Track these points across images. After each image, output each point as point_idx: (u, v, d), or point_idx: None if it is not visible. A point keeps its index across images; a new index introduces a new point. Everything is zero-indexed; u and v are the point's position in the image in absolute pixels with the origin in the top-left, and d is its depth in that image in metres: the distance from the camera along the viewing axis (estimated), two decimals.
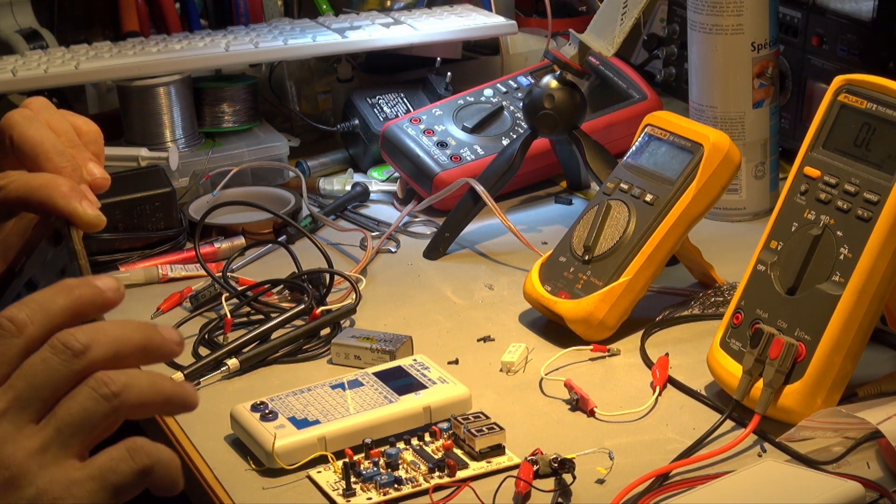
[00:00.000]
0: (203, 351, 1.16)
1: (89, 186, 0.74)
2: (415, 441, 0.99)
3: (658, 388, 1.05)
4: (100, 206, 0.73)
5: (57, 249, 0.72)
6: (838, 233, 0.98)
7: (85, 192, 0.72)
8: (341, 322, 1.19)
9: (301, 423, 0.99)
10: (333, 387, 1.04)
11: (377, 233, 1.39)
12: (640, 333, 1.14)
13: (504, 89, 1.54)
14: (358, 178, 1.54)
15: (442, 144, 1.46)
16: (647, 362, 1.10)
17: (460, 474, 0.95)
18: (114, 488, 0.59)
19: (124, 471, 0.59)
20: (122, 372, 0.60)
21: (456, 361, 1.12)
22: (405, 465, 0.96)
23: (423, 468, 0.96)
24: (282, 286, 1.25)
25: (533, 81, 1.47)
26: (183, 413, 0.62)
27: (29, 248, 0.74)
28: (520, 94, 1.52)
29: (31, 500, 0.58)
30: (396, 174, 1.50)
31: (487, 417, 0.99)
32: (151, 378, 0.61)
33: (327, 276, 1.24)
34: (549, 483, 0.93)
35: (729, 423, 0.98)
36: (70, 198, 0.71)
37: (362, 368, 1.08)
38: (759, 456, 0.95)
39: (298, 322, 1.19)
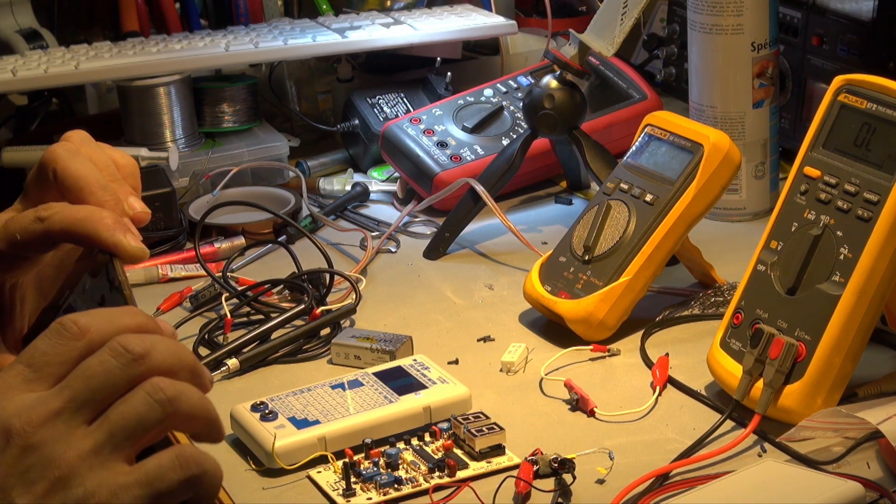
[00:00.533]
0: (203, 351, 1.16)
1: (131, 220, 0.75)
2: (415, 441, 0.99)
3: (658, 388, 1.05)
4: (142, 238, 0.74)
5: (95, 280, 0.73)
6: (838, 233, 0.98)
7: (128, 224, 0.74)
8: (341, 322, 1.19)
9: (301, 423, 0.99)
10: (333, 387, 1.04)
11: (377, 233, 1.39)
12: (640, 333, 1.14)
13: (504, 89, 1.54)
14: (358, 178, 1.54)
15: (442, 144, 1.46)
16: (647, 362, 1.10)
17: (460, 474, 0.95)
18: (159, 496, 0.59)
19: (172, 479, 0.59)
20: (176, 381, 0.61)
21: (456, 361, 1.12)
22: (405, 465, 0.96)
23: (423, 468, 0.96)
24: (282, 286, 1.25)
25: (533, 81, 1.47)
26: (209, 442, 0.63)
27: (72, 282, 0.75)
28: (520, 94, 1.52)
29: (79, 501, 0.58)
30: (396, 174, 1.50)
31: (487, 417, 0.99)
32: (201, 394, 0.62)
33: (327, 276, 1.24)
34: (549, 483, 0.93)
35: (729, 423, 0.98)
36: (114, 230, 0.72)
37: (362, 368, 1.08)
38: (759, 456, 0.95)
39: (298, 322, 1.19)
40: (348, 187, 1.50)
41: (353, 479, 0.94)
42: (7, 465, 0.58)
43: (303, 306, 1.19)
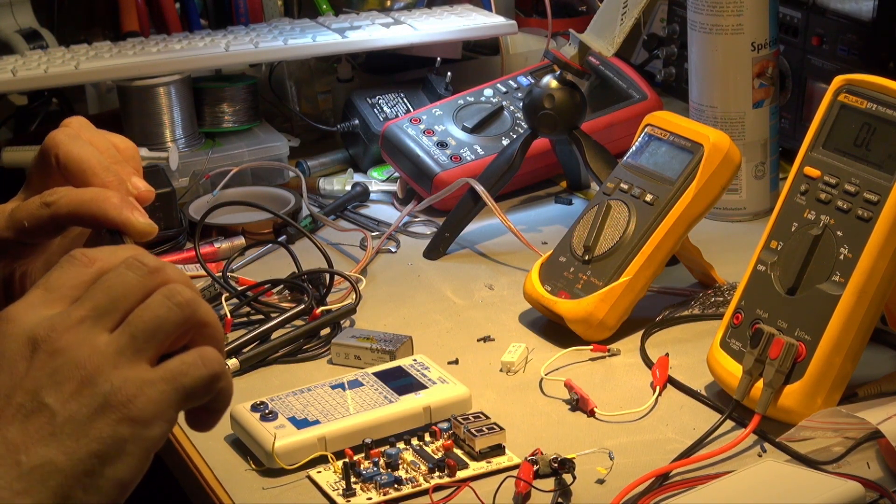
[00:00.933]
0: None
1: (135, 199, 0.76)
2: (415, 441, 0.99)
3: (658, 388, 1.05)
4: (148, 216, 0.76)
5: None
6: (838, 233, 0.98)
7: (134, 203, 0.75)
8: (341, 322, 1.19)
9: (301, 423, 0.99)
10: (333, 387, 1.04)
11: (377, 233, 1.39)
12: (640, 333, 1.14)
13: (504, 89, 1.54)
14: (358, 178, 1.54)
15: (442, 144, 1.46)
16: (647, 362, 1.10)
17: (460, 474, 0.95)
18: (185, 391, 0.62)
19: (195, 375, 0.62)
20: (191, 288, 0.64)
21: (456, 361, 1.12)
22: (405, 465, 0.96)
23: (423, 468, 0.96)
24: (282, 286, 1.25)
25: (533, 81, 1.47)
26: (214, 370, 0.64)
27: None
28: (520, 94, 1.52)
29: (106, 396, 0.60)
30: (396, 174, 1.50)
31: (487, 417, 0.99)
32: (209, 306, 0.65)
33: (327, 276, 1.24)
34: (549, 483, 0.93)
35: (729, 423, 0.98)
36: (122, 208, 0.74)
37: (362, 368, 1.08)
38: (759, 456, 0.95)
39: (298, 322, 1.19)
40: (348, 187, 1.50)
41: (353, 479, 0.94)
42: (36, 368, 0.60)
43: (303, 306, 1.19)
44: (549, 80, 1.33)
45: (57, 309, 0.62)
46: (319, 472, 0.96)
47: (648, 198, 1.16)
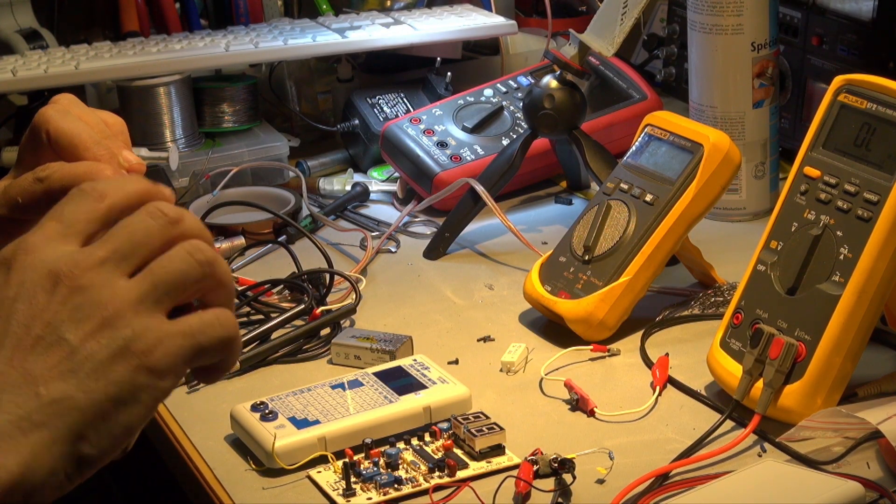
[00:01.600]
0: None
1: (127, 172, 0.77)
2: (415, 441, 0.99)
3: (658, 388, 1.05)
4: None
5: None
6: (838, 233, 0.98)
7: (126, 175, 0.75)
8: (341, 322, 1.19)
9: (301, 423, 0.99)
10: (333, 387, 1.04)
11: (377, 233, 1.39)
12: (640, 333, 1.14)
13: (504, 89, 1.54)
14: (358, 178, 1.54)
15: (442, 144, 1.46)
16: (647, 362, 1.10)
17: (460, 474, 0.95)
18: (200, 349, 0.62)
19: (213, 335, 0.62)
20: (211, 246, 0.64)
21: (456, 361, 1.12)
22: (405, 465, 0.96)
23: (423, 468, 0.96)
24: (282, 286, 1.25)
25: (533, 81, 1.47)
26: (226, 335, 0.64)
27: None
28: (520, 94, 1.52)
29: (127, 341, 0.60)
30: (396, 174, 1.50)
31: (487, 417, 0.99)
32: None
33: (327, 276, 1.24)
34: (549, 483, 0.93)
35: (729, 423, 0.98)
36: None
37: (362, 368, 1.08)
38: (759, 456, 0.95)
39: (298, 322, 1.19)
40: (348, 187, 1.50)
41: (353, 479, 0.94)
42: (57, 303, 0.60)
43: (303, 306, 1.19)
44: (549, 80, 1.33)
45: (74, 244, 0.62)
46: (319, 472, 0.96)
47: (648, 198, 1.16)
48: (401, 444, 0.98)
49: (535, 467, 0.93)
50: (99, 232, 0.63)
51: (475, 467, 0.96)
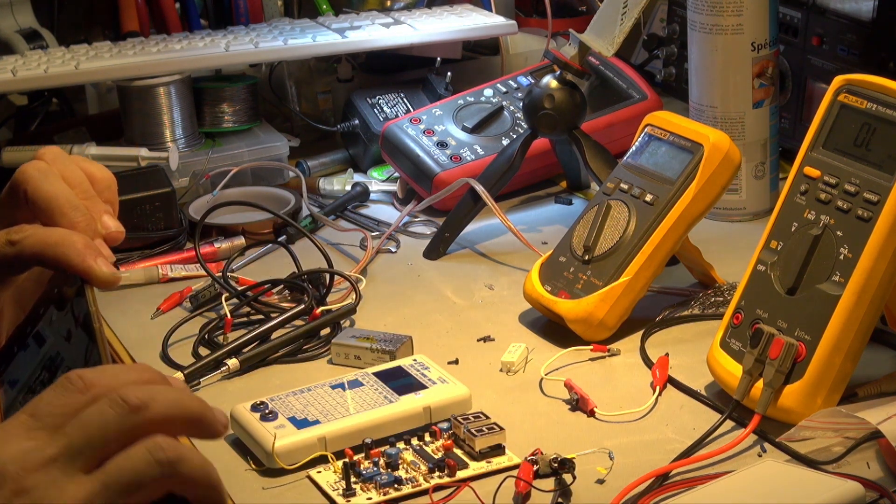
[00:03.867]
0: (203, 351, 1.16)
1: (104, 239, 0.75)
2: (415, 441, 0.99)
3: (658, 388, 1.05)
4: (115, 260, 0.74)
5: (62, 313, 0.73)
6: (838, 233, 0.98)
7: (100, 247, 0.73)
8: (341, 322, 1.19)
9: (301, 423, 0.99)
10: (333, 387, 1.04)
11: (377, 233, 1.39)
12: (640, 333, 1.14)
13: (504, 89, 1.54)
14: (358, 178, 1.54)
15: (442, 144, 1.46)
16: (647, 362, 1.10)
17: (460, 474, 0.95)
18: None
19: None
20: (179, 444, 0.60)
21: (456, 361, 1.12)
22: (405, 465, 0.96)
23: (423, 468, 0.96)
24: (282, 286, 1.25)
25: (533, 81, 1.47)
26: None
27: (44, 303, 0.75)
28: (520, 94, 1.52)
29: None
30: (396, 174, 1.50)
31: (487, 417, 0.99)
32: (203, 459, 0.61)
33: (327, 276, 1.24)
34: (549, 483, 0.93)
35: (729, 423, 0.98)
36: (85, 255, 0.72)
37: (362, 368, 1.08)
38: (759, 456, 0.95)
39: (298, 322, 1.19)
40: (348, 187, 1.50)
41: (353, 479, 0.94)
42: None
43: (303, 306, 1.19)
44: (549, 80, 1.33)
45: (38, 440, 0.59)
46: (319, 472, 0.96)
47: (648, 198, 1.16)
48: (401, 444, 0.98)
49: (535, 467, 0.93)
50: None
51: (475, 467, 0.96)
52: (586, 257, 1.16)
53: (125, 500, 0.58)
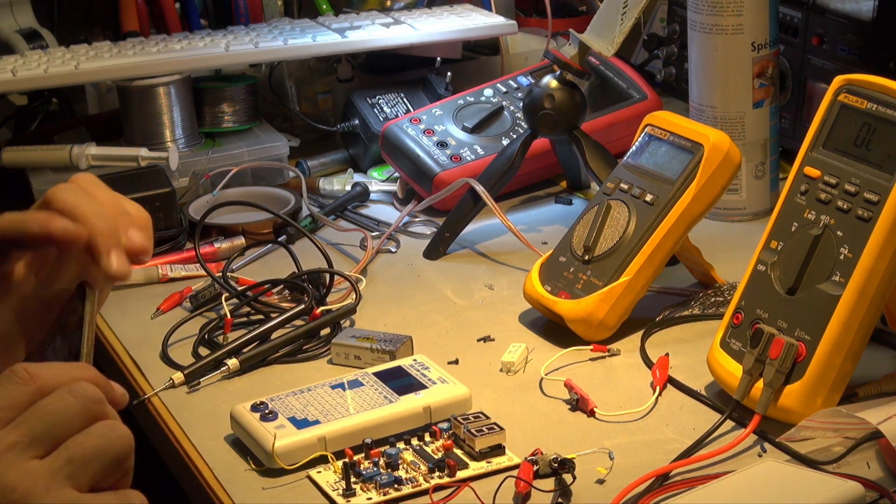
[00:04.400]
0: (203, 351, 1.16)
1: (126, 252, 0.72)
2: (415, 441, 0.99)
3: (658, 388, 1.05)
4: (130, 269, 0.72)
5: (64, 339, 0.72)
6: (838, 233, 0.98)
7: (118, 250, 0.71)
8: (341, 322, 1.19)
9: (301, 423, 0.99)
10: (333, 387, 1.04)
11: (377, 233, 1.39)
12: (640, 333, 1.14)
13: (504, 89, 1.54)
14: (358, 178, 1.54)
15: (442, 144, 1.46)
16: (647, 362, 1.10)
17: (460, 474, 0.95)
18: None
19: None
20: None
21: (456, 361, 1.12)
22: (405, 465, 0.96)
23: (423, 468, 0.96)
24: (282, 286, 1.25)
25: (533, 81, 1.47)
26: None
27: (53, 332, 0.74)
28: (520, 94, 1.52)
29: None
30: (396, 174, 1.50)
31: (487, 417, 0.99)
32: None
33: (327, 276, 1.24)
34: (549, 483, 0.93)
35: (729, 423, 0.98)
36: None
37: (362, 368, 1.08)
38: (759, 456, 0.95)
39: (298, 322, 1.19)
40: (348, 187, 1.50)
41: (353, 479, 0.94)
42: None
43: (303, 306, 1.19)
44: (549, 80, 1.33)
45: None
46: (319, 472, 0.96)
47: (648, 198, 1.16)
48: (401, 444, 0.98)
49: (535, 467, 0.93)
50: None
51: (475, 467, 0.96)
52: (586, 257, 1.16)
53: (87, 474, 0.60)
